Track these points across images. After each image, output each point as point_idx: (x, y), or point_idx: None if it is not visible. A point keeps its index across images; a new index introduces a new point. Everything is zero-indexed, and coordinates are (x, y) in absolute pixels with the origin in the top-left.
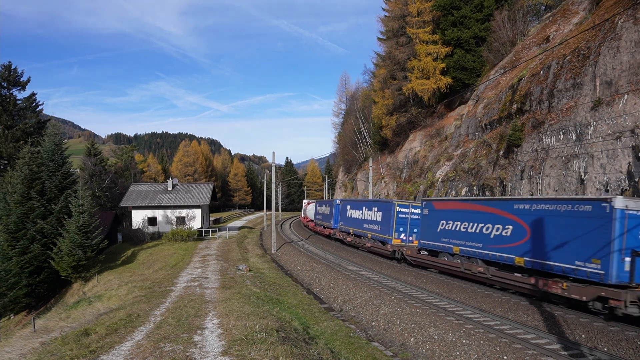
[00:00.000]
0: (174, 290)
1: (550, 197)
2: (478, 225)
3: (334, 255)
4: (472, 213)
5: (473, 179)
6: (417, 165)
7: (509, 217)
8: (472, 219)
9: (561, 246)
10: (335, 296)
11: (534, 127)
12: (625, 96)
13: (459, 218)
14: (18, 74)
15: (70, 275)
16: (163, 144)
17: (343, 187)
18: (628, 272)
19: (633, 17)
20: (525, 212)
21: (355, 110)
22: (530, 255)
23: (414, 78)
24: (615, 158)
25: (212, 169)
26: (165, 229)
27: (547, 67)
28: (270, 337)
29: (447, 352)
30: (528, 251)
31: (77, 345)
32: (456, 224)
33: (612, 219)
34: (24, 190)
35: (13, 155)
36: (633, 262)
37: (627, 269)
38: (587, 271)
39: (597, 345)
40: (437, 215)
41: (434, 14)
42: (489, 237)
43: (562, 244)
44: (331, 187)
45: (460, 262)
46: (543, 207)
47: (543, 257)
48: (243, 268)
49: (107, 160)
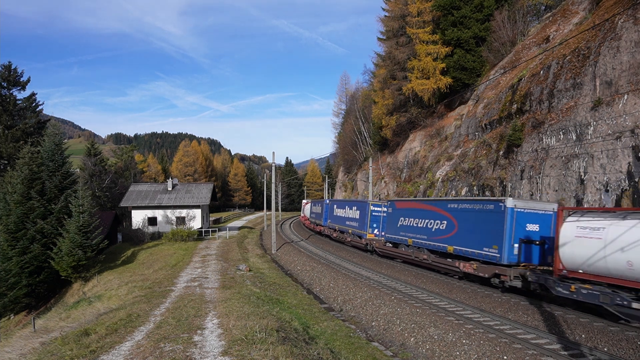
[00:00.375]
0: (174, 290)
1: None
2: (424, 221)
3: (334, 255)
4: (420, 211)
5: (473, 179)
6: (417, 165)
7: (445, 214)
8: (420, 216)
9: (475, 236)
10: (335, 296)
11: (534, 127)
12: (625, 96)
13: (412, 215)
14: (18, 74)
15: (70, 275)
16: (163, 144)
17: (343, 187)
18: (516, 255)
19: (633, 17)
20: (455, 210)
21: (355, 110)
22: (457, 244)
23: (414, 78)
24: (615, 158)
25: (212, 169)
26: (165, 229)
27: (547, 67)
28: (270, 337)
29: (447, 352)
30: (456, 241)
31: (77, 345)
32: (410, 220)
33: (504, 215)
34: (24, 190)
35: (13, 155)
36: (520, 247)
37: (516, 252)
38: (490, 255)
39: (597, 345)
40: (397, 213)
41: (434, 14)
42: (431, 230)
43: (476, 235)
44: (331, 187)
45: (412, 251)
46: (465, 206)
47: (464, 245)
48: (243, 268)
49: (107, 160)
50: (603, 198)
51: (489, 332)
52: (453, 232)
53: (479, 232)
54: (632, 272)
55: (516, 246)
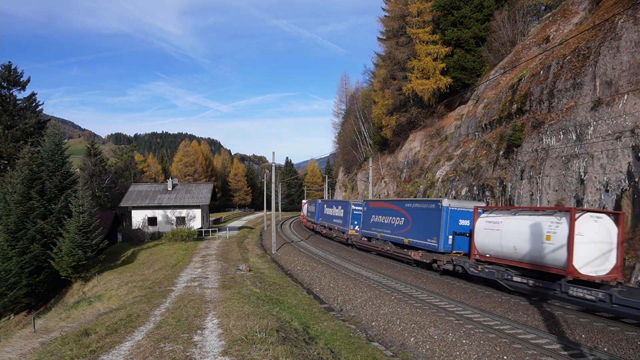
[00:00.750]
0: (174, 290)
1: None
2: (389, 218)
3: (334, 255)
4: (386, 209)
5: (473, 179)
6: (417, 165)
7: (403, 212)
8: (386, 214)
9: (422, 230)
10: (335, 296)
11: (534, 127)
12: (625, 96)
13: (380, 213)
14: (18, 74)
15: (70, 275)
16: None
17: (343, 187)
18: (450, 245)
19: (633, 17)
20: (410, 209)
21: (355, 110)
22: (411, 237)
23: (414, 78)
24: (615, 158)
25: (212, 169)
26: (165, 229)
27: (547, 67)
28: (270, 337)
29: (447, 352)
30: (410, 234)
31: (77, 345)
32: (379, 218)
33: (441, 213)
34: (24, 190)
35: (13, 155)
36: (453, 238)
37: (450, 242)
38: (431, 245)
39: (597, 345)
40: (370, 211)
41: (434, 14)
42: (393, 226)
43: (423, 229)
44: (331, 187)
45: (380, 244)
46: (417, 205)
47: (415, 237)
48: (243, 268)
49: (107, 160)
50: (603, 198)
51: (489, 332)
52: (408, 227)
53: (425, 227)
54: (517, 254)
55: (450, 237)
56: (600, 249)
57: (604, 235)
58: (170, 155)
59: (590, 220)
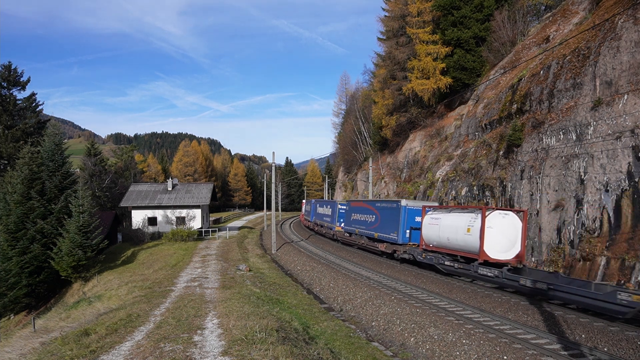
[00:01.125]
0: (174, 290)
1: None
2: (364, 215)
3: (334, 255)
4: (363, 208)
5: (473, 179)
6: (417, 165)
7: (374, 211)
8: (362, 212)
9: (387, 226)
10: (335, 296)
11: (534, 127)
12: (625, 96)
13: (358, 212)
14: (18, 74)
15: (70, 275)
16: (163, 144)
17: (343, 187)
18: (408, 237)
19: (633, 17)
20: (379, 208)
21: (355, 110)
22: (379, 232)
23: (414, 78)
24: (615, 158)
25: (212, 169)
26: (165, 229)
27: (547, 67)
28: (270, 337)
29: (447, 352)
30: (379, 230)
31: (77, 345)
32: (357, 215)
33: (400, 211)
34: (24, 190)
35: (13, 155)
36: (410, 232)
37: (407, 236)
38: (393, 238)
39: (597, 345)
40: (351, 210)
41: (434, 14)
42: (367, 222)
43: (388, 225)
44: (331, 187)
45: (357, 238)
46: (384, 205)
47: (382, 232)
48: (243, 268)
49: (107, 160)
50: (603, 198)
51: (489, 332)
52: (377, 224)
53: (389, 223)
54: (449, 244)
55: (407, 232)
56: (507, 238)
57: (510, 228)
58: (170, 155)
59: (499, 216)
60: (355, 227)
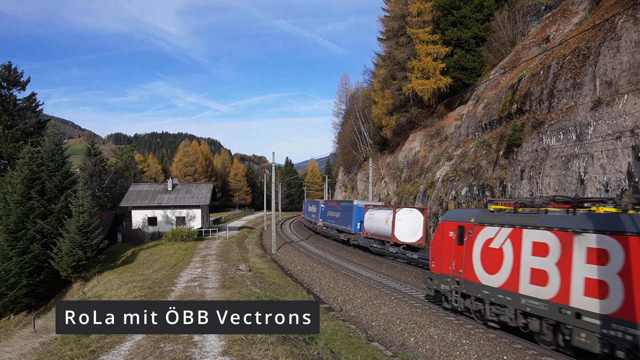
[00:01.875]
0: (174, 290)
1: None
2: (334, 212)
3: (334, 255)
4: (333, 207)
5: (473, 179)
6: (417, 165)
7: (339, 208)
8: (333, 209)
9: (345, 220)
10: (335, 296)
11: (534, 127)
12: (625, 96)
13: (331, 209)
14: (18, 74)
15: (70, 275)
16: (163, 144)
17: (343, 187)
18: (359, 228)
19: (633, 17)
20: (342, 206)
21: (355, 110)
22: (342, 225)
23: (414, 78)
24: (615, 158)
25: (212, 169)
26: (165, 229)
27: (547, 67)
28: (270, 337)
29: (447, 352)
30: (342, 223)
31: (77, 345)
32: (330, 212)
33: (352, 209)
34: (24, 190)
35: (13, 155)
36: (360, 224)
37: (359, 227)
38: (348, 229)
39: None
40: (326, 208)
41: (434, 14)
42: (335, 218)
43: (346, 219)
44: (331, 187)
45: (329, 230)
46: (344, 204)
47: (343, 225)
48: (243, 268)
49: (107, 160)
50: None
51: (489, 332)
52: (341, 219)
53: (347, 218)
54: (378, 232)
55: (358, 224)
56: (412, 227)
57: (415, 220)
58: (170, 155)
59: (406, 212)
60: (329, 222)
